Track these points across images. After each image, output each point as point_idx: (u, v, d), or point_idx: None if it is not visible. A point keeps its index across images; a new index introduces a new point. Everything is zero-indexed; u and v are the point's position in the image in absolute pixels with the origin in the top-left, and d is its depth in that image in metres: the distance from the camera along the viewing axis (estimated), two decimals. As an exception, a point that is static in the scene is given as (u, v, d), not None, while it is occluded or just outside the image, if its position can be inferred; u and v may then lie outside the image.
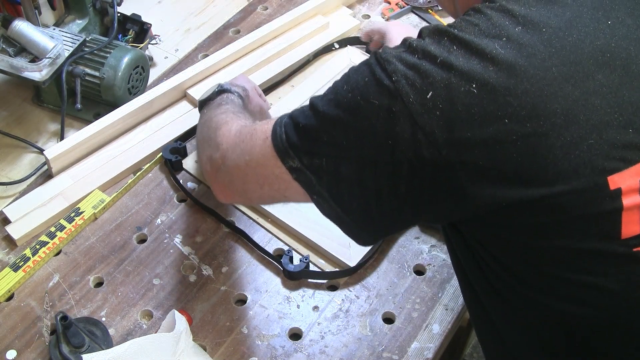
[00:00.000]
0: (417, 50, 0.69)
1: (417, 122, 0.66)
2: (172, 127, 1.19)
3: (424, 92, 0.66)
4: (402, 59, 0.68)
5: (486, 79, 0.66)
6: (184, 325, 0.89)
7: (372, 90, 0.69)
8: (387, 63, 0.69)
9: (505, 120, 0.65)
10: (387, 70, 0.68)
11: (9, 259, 1.02)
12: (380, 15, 1.43)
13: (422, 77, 0.67)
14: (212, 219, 1.07)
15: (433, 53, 0.68)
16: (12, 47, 1.11)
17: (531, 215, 0.67)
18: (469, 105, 0.65)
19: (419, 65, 0.67)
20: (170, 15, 1.44)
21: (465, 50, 0.67)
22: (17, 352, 0.91)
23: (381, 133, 0.68)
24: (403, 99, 0.67)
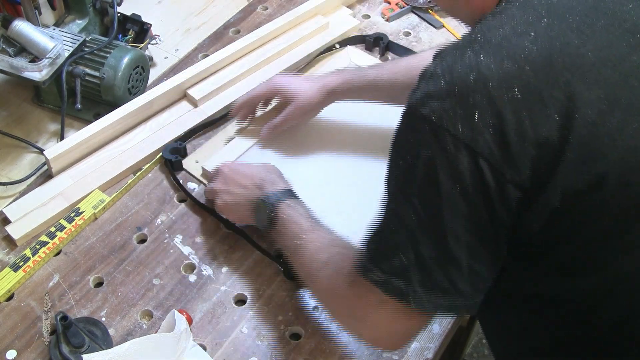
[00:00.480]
0: (444, 76, 0.65)
1: (474, 150, 0.63)
2: (172, 127, 1.19)
3: (470, 117, 0.63)
4: (432, 95, 0.65)
5: (526, 80, 0.63)
6: (184, 325, 0.89)
7: (422, 143, 0.65)
8: (420, 107, 0.65)
9: (555, 117, 0.62)
10: (424, 115, 0.64)
11: (9, 259, 1.02)
12: (380, 15, 1.43)
13: (461, 101, 0.63)
14: (212, 219, 1.07)
15: (462, 72, 0.64)
16: (12, 47, 1.11)
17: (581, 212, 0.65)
18: (517, 112, 0.62)
19: (453, 91, 0.64)
20: (170, 15, 1.44)
21: (494, 57, 0.64)
22: (17, 352, 0.91)
23: (446, 182, 0.64)
24: (452, 133, 0.63)
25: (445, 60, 0.66)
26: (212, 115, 1.21)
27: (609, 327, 0.72)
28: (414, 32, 1.40)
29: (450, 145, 0.63)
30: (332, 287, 0.82)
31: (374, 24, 1.41)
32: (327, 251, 0.86)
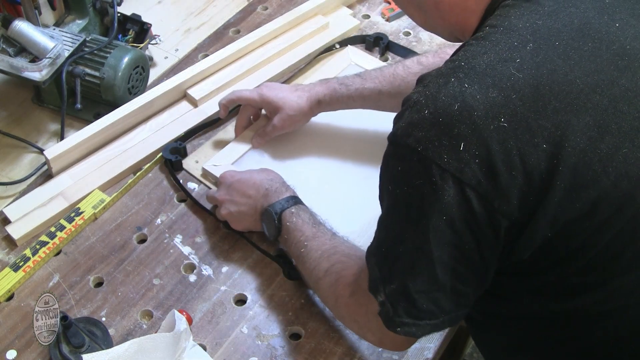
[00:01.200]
0: (428, 105, 0.64)
1: (461, 180, 0.62)
2: (172, 127, 1.19)
3: (455, 147, 0.62)
4: (417, 125, 0.64)
5: (512, 109, 0.62)
6: (184, 325, 0.89)
7: (410, 172, 0.65)
8: (406, 138, 0.64)
9: (544, 146, 0.62)
10: (410, 146, 0.64)
11: (9, 259, 1.02)
12: (380, 15, 1.43)
13: (446, 131, 0.62)
14: (212, 219, 1.07)
15: (446, 101, 0.63)
16: (12, 47, 1.11)
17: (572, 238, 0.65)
18: (503, 142, 0.61)
19: (437, 121, 0.63)
20: (170, 15, 1.44)
21: (479, 86, 0.62)
22: (17, 352, 0.91)
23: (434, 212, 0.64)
24: (438, 163, 0.62)
25: (428, 88, 0.65)
26: (212, 115, 1.21)
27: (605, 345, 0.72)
28: (414, 32, 1.39)
29: (437, 177, 0.63)
30: (334, 295, 0.84)
31: (374, 24, 1.41)
32: (328, 260, 0.87)
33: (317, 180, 1.12)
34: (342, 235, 1.03)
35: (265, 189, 0.99)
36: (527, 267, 0.69)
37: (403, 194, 0.67)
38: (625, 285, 0.68)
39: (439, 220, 0.64)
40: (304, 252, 0.91)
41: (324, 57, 1.33)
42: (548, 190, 0.62)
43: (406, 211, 0.67)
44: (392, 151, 0.68)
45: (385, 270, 0.72)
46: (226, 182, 1.03)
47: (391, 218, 0.71)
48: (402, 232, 0.69)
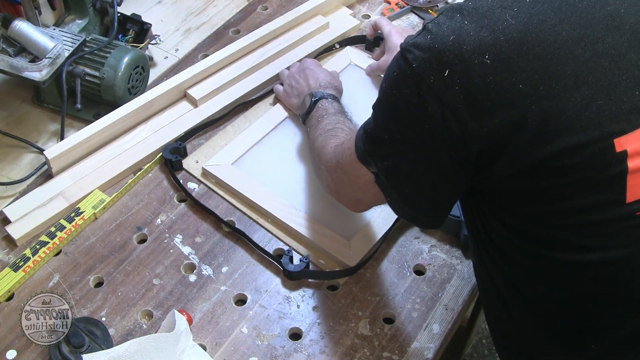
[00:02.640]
0: (432, 32, 0.72)
1: (442, 100, 0.70)
2: (172, 127, 1.19)
3: (442, 71, 0.69)
4: (419, 45, 0.72)
5: (498, 49, 0.68)
6: (184, 325, 0.89)
7: (401, 81, 0.73)
8: (407, 52, 0.72)
9: (520, 86, 0.68)
10: (408, 59, 0.72)
11: (9, 259, 1.02)
12: (380, 15, 1.43)
13: (437, 57, 0.70)
14: (212, 219, 1.07)
15: (446, 32, 0.70)
16: (12, 47, 1.11)
17: (542, 178, 0.70)
18: (484, 76, 0.68)
19: (433, 47, 0.70)
20: (170, 15, 1.44)
21: (476, 25, 0.70)
22: (17, 352, 0.91)
23: (419, 119, 0.73)
24: (425, 82, 0.70)
25: (438, 18, 0.73)
26: (212, 115, 1.21)
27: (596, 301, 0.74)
28: (414, 32, 1.39)
29: (424, 92, 0.71)
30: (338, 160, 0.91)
31: (374, 24, 1.41)
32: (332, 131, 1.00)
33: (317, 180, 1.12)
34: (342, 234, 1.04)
35: (319, 85, 1.16)
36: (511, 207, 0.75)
37: (393, 96, 0.76)
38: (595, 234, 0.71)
39: (423, 128, 0.72)
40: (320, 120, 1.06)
41: (324, 57, 1.33)
42: (520, 127, 0.68)
43: (397, 109, 0.76)
44: (396, 57, 0.75)
45: (375, 148, 0.81)
46: (304, 64, 1.22)
47: (382, 107, 0.79)
48: (393, 124, 0.77)
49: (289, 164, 1.14)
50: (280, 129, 1.19)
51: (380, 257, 1.03)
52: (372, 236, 1.03)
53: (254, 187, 1.09)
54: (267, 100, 1.25)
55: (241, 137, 1.17)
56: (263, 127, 1.18)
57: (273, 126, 1.19)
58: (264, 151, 1.16)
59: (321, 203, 1.09)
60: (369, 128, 0.82)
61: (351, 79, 1.28)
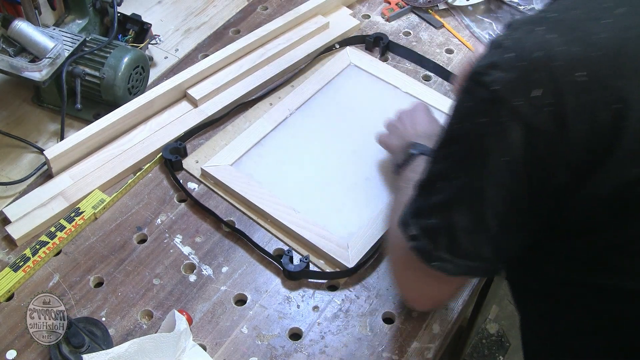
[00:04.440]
0: (511, 49, 0.65)
1: (529, 125, 0.63)
2: (172, 127, 1.19)
3: (530, 92, 0.63)
4: (497, 65, 0.65)
5: (591, 65, 0.62)
6: (184, 325, 0.89)
7: (476, 110, 0.67)
8: (483, 75, 0.66)
9: (614, 105, 0.62)
10: (485, 83, 0.65)
11: (9, 259, 1.02)
12: (380, 15, 1.43)
13: (524, 76, 0.64)
14: (212, 219, 1.07)
15: (529, 48, 0.64)
16: (12, 47, 1.11)
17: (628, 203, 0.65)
18: (577, 95, 0.62)
19: (517, 65, 0.64)
20: (170, 15, 1.44)
21: (564, 38, 0.64)
22: (17, 352, 0.91)
23: (495, 151, 0.65)
24: (509, 106, 0.64)
25: (516, 33, 0.66)
26: (212, 115, 1.21)
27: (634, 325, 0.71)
28: (414, 32, 1.40)
29: (505, 117, 0.64)
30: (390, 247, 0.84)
31: (374, 24, 1.41)
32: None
33: (317, 180, 1.12)
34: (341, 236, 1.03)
35: (427, 134, 1.01)
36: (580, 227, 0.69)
37: (463, 130, 0.68)
38: None
39: (499, 161, 0.65)
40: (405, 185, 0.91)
41: (324, 57, 1.33)
42: (612, 149, 0.63)
43: (462, 146, 0.68)
44: (466, 86, 0.69)
45: (418, 204, 0.74)
46: (416, 108, 1.09)
47: (441, 152, 0.72)
48: (451, 166, 0.70)
49: (288, 165, 1.14)
50: (280, 130, 1.19)
51: (380, 257, 1.03)
52: (371, 237, 1.03)
53: (253, 188, 1.09)
54: (267, 100, 1.25)
55: (241, 138, 1.17)
56: (263, 128, 1.18)
57: (273, 126, 1.19)
58: (263, 152, 1.16)
59: (320, 204, 1.09)
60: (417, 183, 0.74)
61: (351, 79, 1.28)
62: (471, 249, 0.71)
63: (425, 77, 1.31)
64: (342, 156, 1.16)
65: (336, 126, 1.20)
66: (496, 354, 1.96)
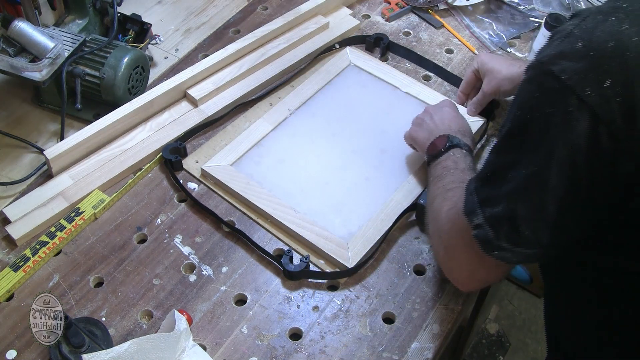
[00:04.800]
0: (582, 38, 0.64)
1: (597, 115, 0.62)
2: (172, 127, 1.19)
3: (600, 82, 0.62)
4: (566, 55, 0.64)
5: None
6: (184, 325, 0.89)
7: (544, 100, 0.66)
8: (551, 65, 0.65)
9: None
10: (554, 73, 0.64)
11: (9, 259, 1.02)
12: (380, 15, 1.43)
13: (595, 65, 0.63)
14: (212, 219, 1.07)
15: (601, 37, 0.63)
16: (12, 47, 1.11)
17: None
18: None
19: (588, 54, 0.63)
20: (170, 15, 1.44)
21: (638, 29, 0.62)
22: (17, 352, 0.91)
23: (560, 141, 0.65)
24: (578, 95, 0.63)
25: (586, 22, 0.65)
26: (212, 115, 1.21)
27: None
28: (414, 32, 1.40)
29: (573, 107, 0.63)
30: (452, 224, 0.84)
31: (374, 24, 1.41)
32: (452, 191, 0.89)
33: (317, 180, 1.12)
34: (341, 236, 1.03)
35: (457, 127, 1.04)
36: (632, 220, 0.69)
37: (531, 119, 0.68)
38: None
39: (564, 150, 0.65)
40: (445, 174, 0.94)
41: (323, 57, 1.33)
42: None
43: (529, 136, 0.68)
44: (532, 76, 0.68)
45: (486, 194, 0.74)
46: (442, 104, 1.10)
47: (507, 143, 0.72)
48: (518, 156, 0.70)
49: (288, 165, 1.14)
50: (280, 130, 1.19)
51: (380, 257, 1.03)
52: (371, 237, 1.03)
53: (253, 188, 1.09)
54: (267, 100, 1.25)
55: (241, 138, 1.17)
56: (263, 128, 1.18)
57: (273, 126, 1.19)
58: (263, 152, 1.16)
59: (320, 204, 1.09)
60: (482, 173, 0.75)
61: (351, 79, 1.28)
62: (531, 237, 0.71)
63: (425, 77, 1.31)
64: (342, 156, 1.16)
65: (336, 126, 1.20)
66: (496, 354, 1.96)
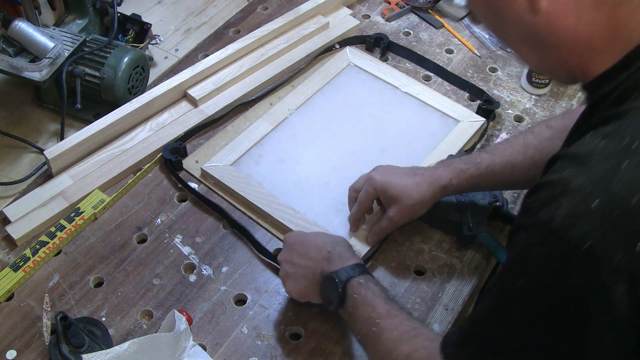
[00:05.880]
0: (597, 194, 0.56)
1: (635, 279, 0.55)
2: (172, 127, 1.19)
3: (632, 244, 0.54)
4: (582, 216, 0.56)
5: None
6: (184, 325, 0.89)
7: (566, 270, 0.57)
8: (568, 230, 0.57)
9: None
10: (573, 240, 0.56)
11: (9, 259, 1.02)
12: (380, 15, 1.43)
13: (622, 227, 0.55)
14: (212, 219, 1.07)
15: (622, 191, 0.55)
16: (12, 47, 1.11)
17: None
18: None
19: (611, 214, 0.55)
20: (170, 15, 1.44)
21: None
22: (17, 352, 0.91)
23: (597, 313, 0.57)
24: (610, 262, 0.55)
25: (593, 171, 0.57)
26: (212, 115, 1.21)
27: None
28: (414, 32, 1.40)
29: (606, 275, 0.55)
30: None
31: (374, 24, 1.41)
32: (409, 343, 0.78)
33: (317, 180, 1.12)
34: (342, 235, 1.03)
35: (327, 252, 0.90)
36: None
37: (550, 293, 0.59)
38: None
39: (603, 322, 0.57)
40: (376, 330, 0.81)
41: (323, 57, 1.33)
42: None
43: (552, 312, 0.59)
44: (541, 241, 0.59)
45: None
46: (288, 242, 0.95)
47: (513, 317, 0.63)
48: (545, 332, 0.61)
49: (288, 165, 1.14)
50: (280, 130, 1.19)
51: (380, 257, 1.03)
52: (371, 236, 1.03)
53: (252, 188, 1.09)
54: (267, 100, 1.25)
55: (241, 138, 1.17)
56: (263, 128, 1.18)
57: (273, 126, 1.19)
58: (263, 152, 1.16)
59: (320, 204, 1.09)
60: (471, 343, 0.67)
61: (351, 79, 1.28)
62: None
63: (425, 77, 1.31)
64: (342, 156, 1.16)
65: (336, 126, 1.20)
66: (496, 354, 1.95)
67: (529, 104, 1.26)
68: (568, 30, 0.66)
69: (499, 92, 1.28)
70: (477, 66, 1.32)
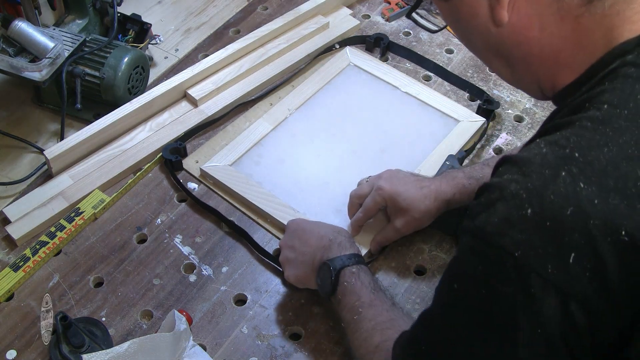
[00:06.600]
0: (531, 203, 0.55)
1: (567, 294, 0.54)
2: (172, 127, 1.19)
3: (564, 257, 0.53)
4: (515, 224, 0.55)
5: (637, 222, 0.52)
6: (184, 325, 0.89)
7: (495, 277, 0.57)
8: (499, 237, 0.56)
9: None
10: (504, 248, 0.55)
11: (9, 259, 1.02)
12: (380, 15, 1.43)
13: (554, 237, 0.54)
14: (212, 219, 1.07)
15: (556, 202, 0.54)
16: (12, 47, 1.11)
17: None
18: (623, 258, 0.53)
19: (543, 225, 0.54)
20: (170, 15, 1.44)
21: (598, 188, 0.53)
22: (17, 352, 0.91)
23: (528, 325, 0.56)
24: (540, 274, 0.54)
25: (531, 180, 0.56)
26: (212, 115, 1.21)
27: None
28: (414, 32, 1.40)
29: (537, 287, 0.54)
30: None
31: (374, 24, 1.41)
32: (382, 334, 0.79)
33: (317, 180, 1.12)
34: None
35: (328, 240, 0.91)
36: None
37: (480, 299, 0.59)
38: None
39: (533, 334, 0.56)
40: (357, 319, 0.83)
41: (323, 57, 1.33)
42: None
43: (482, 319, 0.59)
44: (474, 247, 0.59)
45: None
46: (291, 228, 0.97)
47: (449, 320, 0.63)
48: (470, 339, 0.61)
49: (288, 165, 1.14)
50: (280, 130, 1.19)
51: (380, 257, 1.03)
52: (371, 237, 1.03)
53: (252, 188, 1.09)
54: (267, 100, 1.25)
55: (241, 138, 1.17)
56: (263, 128, 1.18)
57: (273, 126, 1.19)
58: (263, 152, 1.16)
59: (320, 204, 1.09)
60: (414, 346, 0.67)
61: (351, 79, 1.28)
62: None
63: (425, 77, 1.31)
64: (342, 156, 1.16)
65: (336, 126, 1.20)
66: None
67: (529, 104, 1.26)
68: (532, 42, 0.66)
69: (499, 92, 1.28)
70: (477, 66, 1.32)
